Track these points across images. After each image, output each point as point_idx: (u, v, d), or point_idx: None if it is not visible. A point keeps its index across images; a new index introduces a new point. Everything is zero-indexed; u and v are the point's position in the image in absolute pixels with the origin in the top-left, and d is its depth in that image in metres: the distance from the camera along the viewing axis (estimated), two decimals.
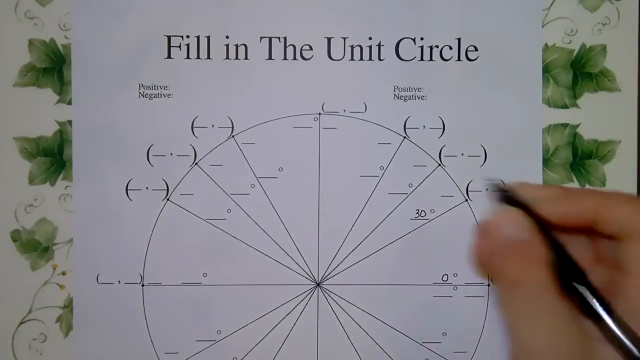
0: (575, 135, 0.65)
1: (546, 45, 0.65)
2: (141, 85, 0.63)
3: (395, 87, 0.64)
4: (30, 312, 0.64)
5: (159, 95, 0.63)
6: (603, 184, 0.65)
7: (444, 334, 0.64)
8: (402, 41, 0.64)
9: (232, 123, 0.64)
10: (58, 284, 0.64)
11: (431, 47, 0.64)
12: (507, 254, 0.38)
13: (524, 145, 0.64)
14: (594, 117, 0.65)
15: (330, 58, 0.64)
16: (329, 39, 0.64)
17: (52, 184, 0.63)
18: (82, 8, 0.63)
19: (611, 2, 0.65)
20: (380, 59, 0.64)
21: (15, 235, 0.63)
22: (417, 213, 0.64)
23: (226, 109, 0.64)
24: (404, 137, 0.64)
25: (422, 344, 0.64)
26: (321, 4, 0.64)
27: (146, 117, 0.63)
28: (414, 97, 0.64)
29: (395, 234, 0.64)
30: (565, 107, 0.65)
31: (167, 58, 0.63)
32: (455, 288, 0.64)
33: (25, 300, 0.64)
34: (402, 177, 0.64)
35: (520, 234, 0.39)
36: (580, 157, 0.65)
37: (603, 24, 0.65)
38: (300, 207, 0.64)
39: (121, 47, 0.63)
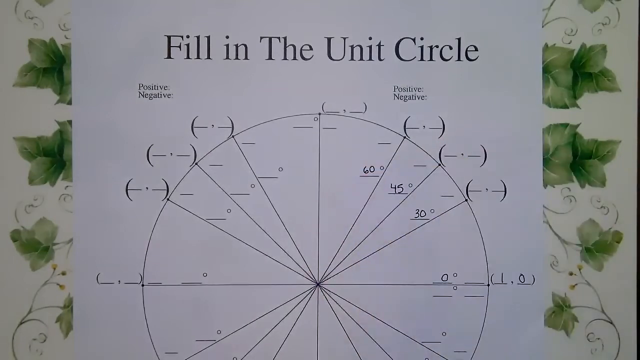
0: (575, 135, 0.65)
1: (546, 45, 0.65)
2: (141, 85, 0.63)
3: (395, 87, 0.64)
4: (30, 312, 0.64)
5: (159, 95, 0.63)
6: (603, 184, 0.65)
7: (444, 334, 0.64)
8: (402, 41, 0.64)
9: (232, 123, 0.64)
10: (58, 284, 0.64)
11: (431, 47, 0.64)
12: None
13: (524, 145, 0.64)
14: (594, 117, 0.65)
15: (330, 58, 0.64)
16: (329, 39, 0.64)
17: (52, 184, 0.63)
18: (82, 8, 0.63)
19: (611, 2, 0.65)
20: (380, 59, 0.64)
21: (15, 235, 0.64)
22: (417, 213, 0.64)
23: (226, 109, 0.64)
24: (404, 137, 0.64)
25: (422, 343, 0.64)
26: (321, 4, 0.64)
27: (146, 117, 0.63)
28: (414, 97, 0.64)
29: (395, 233, 0.64)
30: (565, 107, 0.65)
31: (167, 58, 0.63)
32: (455, 288, 0.64)
33: (25, 300, 0.64)
34: (402, 177, 0.64)
35: None
36: (580, 157, 0.65)
37: (603, 24, 0.65)
38: (300, 207, 0.64)
39: (121, 47, 0.63)
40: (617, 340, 0.66)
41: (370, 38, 0.64)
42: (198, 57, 0.64)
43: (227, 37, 0.64)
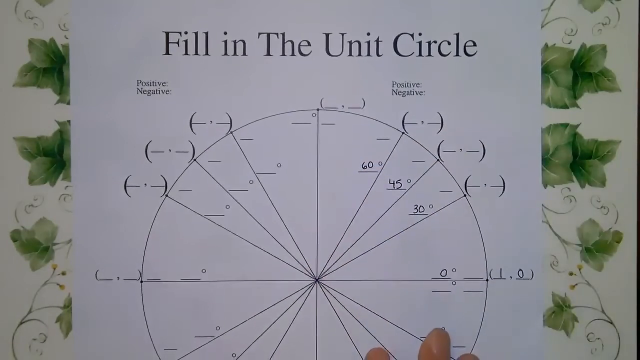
0: (575, 135, 0.65)
1: (546, 45, 0.65)
2: (139, 81, 0.63)
3: (394, 83, 0.64)
4: (30, 312, 0.63)
5: (157, 92, 0.63)
6: (603, 184, 0.65)
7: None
8: (400, 37, 0.64)
9: (230, 119, 0.64)
10: (58, 284, 0.64)
11: (429, 43, 0.64)
12: None
13: (523, 140, 0.64)
14: (594, 117, 0.65)
15: (329, 54, 0.64)
16: (327, 35, 0.64)
17: (52, 184, 0.64)
18: (80, 7, 0.63)
19: (611, 2, 0.65)
20: (378, 55, 0.64)
21: (15, 235, 0.64)
22: (416, 208, 0.64)
23: (224, 105, 0.64)
24: (403, 133, 0.64)
25: (421, 338, 0.64)
26: (319, 0, 0.64)
27: (144, 114, 0.63)
28: (412, 93, 0.64)
29: (394, 229, 0.64)
30: (565, 107, 0.65)
31: (165, 54, 0.64)
32: (453, 283, 0.64)
33: (25, 300, 0.64)
34: (401, 172, 0.64)
35: None
36: (580, 157, 0.65)
37: (603, 24, 0.65)
38: (299, 203, 0.64)
39: (119, 45, 0.64)
40: (617, 340, 0.65)
41: (368, 34, 0.64)
42: (196, 54, 0.64)
43: (225, 33, 0.64)
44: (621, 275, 0.65)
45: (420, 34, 0.64)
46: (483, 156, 0.64)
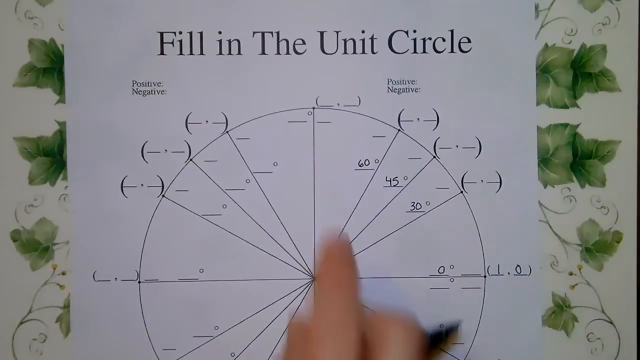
0: (575, 135, 0.65)
1: (546, 45, 0.65)
2: (134, 82, 0.63)
3: (389, 80, 0.64)
4: (30, 312, 0.64)
5: (153, 92, 0.63)
6: (603, 184, 0.65)
7: (441, 326, 0.64)
8: (395, 34, 0.64)
9: (226, 118, 0.64)
10: (58, 284, 0.64)
11: (424, 40, 0.64)
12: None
13: (519, 136, 0.64)
14: (594, 117, 0.65)
15: (324, 52, 0.64)
16: (321, 33, 0.64)
17: (52, 184, 0.64)
18: (76, 8, 0.63)
19: (611, 2, 0.65)
20: (373, 52, 0.64)
21: (15, 235, 0.64)
22: (413, 205, 0.64)
23: (220, 105, 0.64)
24: (399, 130, 0.64)
25: None
26: None
27: (140, 114, 0.63)
28: (407, 90, 0.64)
29: (391, 226, 0.64)
30: (565, 107, 0.65)
31: (160, 54, 0.64)
32: (451, 280, 0.64)
33: (25, 300, 0.64)
34: (397, 170, 0.64)
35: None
36: (580, 157, 0.65)
37: (603, 24, 0.65)
38: (296, 201, 0.64)
39: (114, 46, 0.64)
40: (617, 340, 0.65)
41: (363, 31, 0.64)
42: (191, 53, 0.64)
43: (220, 32, 0.64)
44: (621, 275, 0.65)
45: (415, 31, 0.64)
46: (479, 153, 0.64)
